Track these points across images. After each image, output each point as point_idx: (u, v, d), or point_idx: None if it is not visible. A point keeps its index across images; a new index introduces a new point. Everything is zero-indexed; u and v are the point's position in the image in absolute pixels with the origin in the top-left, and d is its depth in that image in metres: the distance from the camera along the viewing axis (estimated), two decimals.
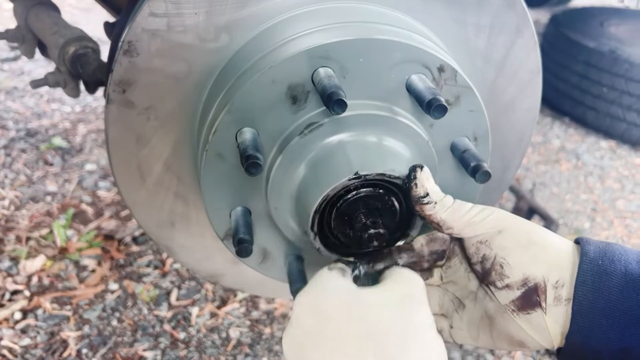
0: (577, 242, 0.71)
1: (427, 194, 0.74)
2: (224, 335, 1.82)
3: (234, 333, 1.82)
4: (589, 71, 3.39)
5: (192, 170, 1.05)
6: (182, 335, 1.79)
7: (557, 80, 3.66)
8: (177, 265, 2.06)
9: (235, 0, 0.88)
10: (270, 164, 0.86)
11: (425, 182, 0.74)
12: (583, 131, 3.62)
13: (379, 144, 0.83)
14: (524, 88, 1.04)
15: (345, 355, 0.57)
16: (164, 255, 2.10)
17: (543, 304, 0.68)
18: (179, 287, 1.97)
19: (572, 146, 3.43)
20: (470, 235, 0.73)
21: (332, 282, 0.67)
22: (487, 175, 0.82)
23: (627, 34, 3.71)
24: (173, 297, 1.92)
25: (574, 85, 3.52)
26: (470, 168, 0.84)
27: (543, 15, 5.32)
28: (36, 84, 1.43)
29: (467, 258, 0.77)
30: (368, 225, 0.77)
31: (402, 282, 0.68)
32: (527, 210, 2.51)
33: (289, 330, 0.64)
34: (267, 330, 1.85)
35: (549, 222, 2.45)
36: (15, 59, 3.62)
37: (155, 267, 2.04)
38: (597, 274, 0.65)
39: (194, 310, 1.88)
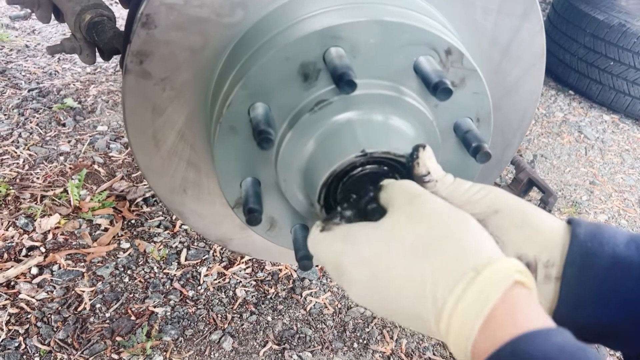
0: (570, 222, 0.73)
1: (429, 173, 0.76)
2: (230, 294, 1.89)
3: (240, 292, 1.90)
4: (596, 44, 3.37)
5: (205, 140, 1.08)
6: (191, 293, 1.86)
7: (563, 52, 3.64)
8: (186, 227, 2.12)
9: None
10: (281, 138, 0.88)
11: (427, 161, 0.76)
12: (587, 104, 3.62)
13: (385, 122, 0.86)
14: (527, 70, 1.06)
15: (409, 278, 0.59)
16: (174, 216, 2.16)
17: None
18: (189, 248, 2.03)
19: (575, 119, 3.43)
20: (469, 212, 0.75)
21: (347, 233, 0.69)
22: (487, 156, 0.84)
23: (637, 8, 3.66)
24: (182, 257, 1.99)
25: (580, 57, 3.50)
26: (471, 148, 0.86)
27: None
28: (53, 50, 1.45)
29: None
30: (372, 199, 0.81)
31: (397, 196, 0.70)
32: (527, 181, 2.52)
33: (349, 288, 0.66)
34: (272, 290, 1.92)
35: (547, 195, 2.47)
36: (25, 17, 3.60)
37: (166, 228, 2.10)
38: (586, 255, 0.68)
39: (203, 270, 1.95)
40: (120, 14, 3.65)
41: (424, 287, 0.58)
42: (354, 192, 0.82)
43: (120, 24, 1.63)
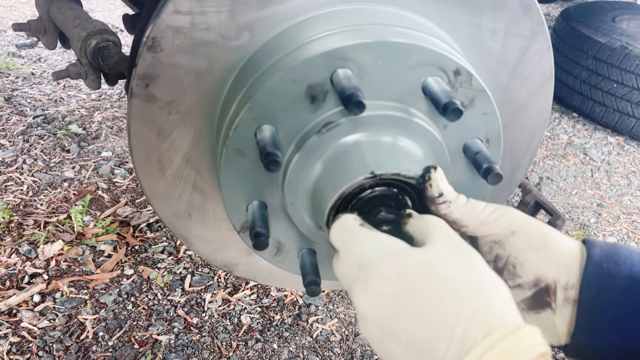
0: (584, 242, 0.72)
1: (442, 194, 0.75)
2: (235, 320, 1.86)
3: (245, 319, 1.86)
4: (599, 66, 3.38)
5: (211, 163, 1.07)
6: (195, 320, 1.83)
7: (566, 75, 3.65)
8: (190, 252, 2.09)
9: (258, 0, 0.90)
10: (288, 160, 0.87)
11: (439, 183, 0.76)
12: (591, 126, 3.62)
13: (393, 144, 0.85)
14: (536, 91, 1.05)
15: (443, 309, 0.57)
16: (178, 242, 2.14)
17: (553, 305, 0.70)
18: (193, 274, 2.01)
19: (580, 141, 3.43)
20: (484, 234, 0.74)
21: (390, 243, 0.66)
22: (498, 177, 0.83)
23: (639, 30, 3.69)
24: (187, 283, 1.96)
25: (583, 80, 3.52)
26: (482, 170, 0.85)
27: (554, 9, 5.29)
28: (58, 75, 1.46)
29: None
30: (381, 222, 0.78)
31: (441, 232, 0.68)
32: (534, 204, 2.50)
33: (369, 294, 0.62)
34: (277, 317, 1.89)
35: (555, 217, 2.44)
36: (32, 45, 3.65)
37: (170, 254, 2.08)
38: (602, 276, 0.67)
39: (207, 296, 1.92)
40: (126, 41, 3.69)
41: (455, 322, 0.55)
42: (362, 215, 0.81)
43: (126, 51, 1.64)
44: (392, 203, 0.82)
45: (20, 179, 2.35)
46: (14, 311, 1.77)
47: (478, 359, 0.52)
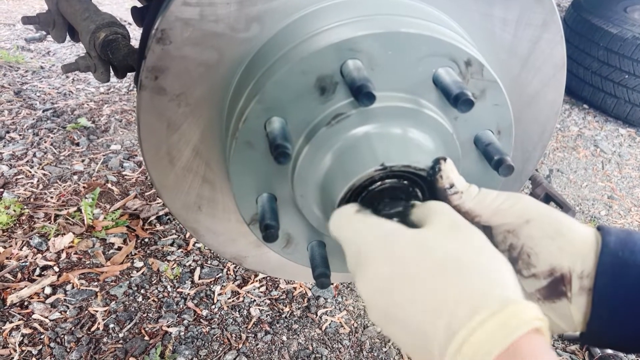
0: (599, 229, 0.71)
1: (453, 185, 0.74)
2: (244, 313, 1.86)
3: (254, 311, 1.87)
4: (610, 57, 3.34)
5: (220, 156, 1.07)
6: (204, 312, 1.84)
7: (577, 66, 3.62)
8: (200, 245, 2.10)
9: None
10: (297, 152, 0.87)
11: (450, 173, 0.75)
12: (602, 118, 3.58)
13: (404, 135, 0.84)
14: (548, 82, 1.04)
15: (432, 291, 0.57)
16: (188, 234, 2.14)
17: (569, 294, 0.69)
18: (202, 266, 2.01)
19: (591, 133, 3.40)
20: (498, 223, 0.74)
21: (383, 226, 0.67)
22: (510, 169, 0.82)
23: None
24: (196, 276, 1.97)
25: (594, 71, 3.48)
26: (493, 161, 0.84)
27: None
28: (67, 68, 1.46)
29: (493, 246, 0.78)
30: (392, 215, 0.78)
31: (440, 213, 0.68)
32: (544, 197, 2.49)
33: (366, 279, 0.63)
34: (287, 309, 1.90)
35: (565, 210, 2.43)
36: (41, 39, 3.66)
37: (179, 247, 2.09)
38: (617, 265, 0.66)
39: (216, 289, 1.93)
40: (134, 34, 3.70)
41: (441, 304, 0.55)
42: (372, 207, 0.81)
43: (135, 44, 1.64)
44: (403, 195, 0.82)
45: (30, 172, 2.37)
46: (26, 303, 1.79)
47: (464, 341, 0.52)
